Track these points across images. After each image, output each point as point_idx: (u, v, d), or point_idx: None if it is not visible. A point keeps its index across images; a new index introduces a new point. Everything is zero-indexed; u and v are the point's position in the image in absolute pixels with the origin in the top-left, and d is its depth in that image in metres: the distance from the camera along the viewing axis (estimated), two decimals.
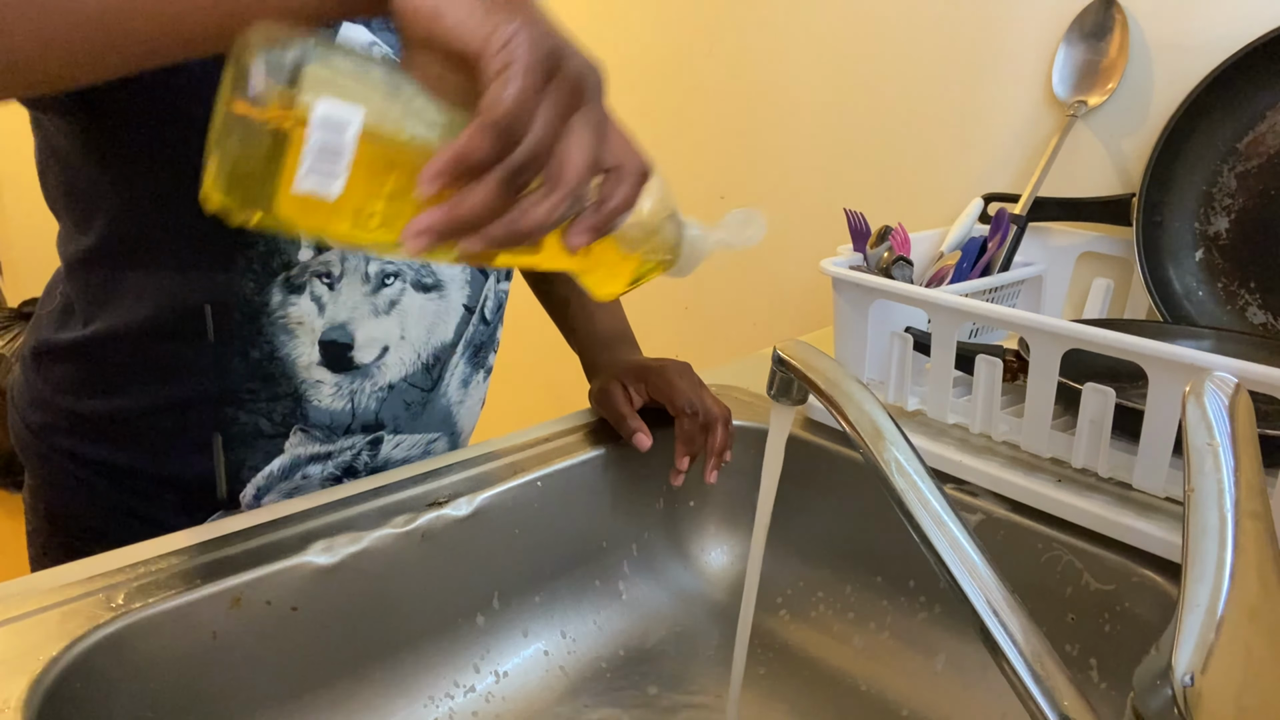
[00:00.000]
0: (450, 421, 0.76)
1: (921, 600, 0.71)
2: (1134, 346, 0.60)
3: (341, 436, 0.68)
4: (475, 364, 0.75)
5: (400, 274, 0.65)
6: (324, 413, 0.66)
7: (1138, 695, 0.32)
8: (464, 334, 0.72)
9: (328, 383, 0.65)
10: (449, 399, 0.74)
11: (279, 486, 0.68)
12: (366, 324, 0.65)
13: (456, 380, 0.74)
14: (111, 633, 0.52)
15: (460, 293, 0.70)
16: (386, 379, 0.67)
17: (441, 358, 0.71)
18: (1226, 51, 0.81)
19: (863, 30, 1.15)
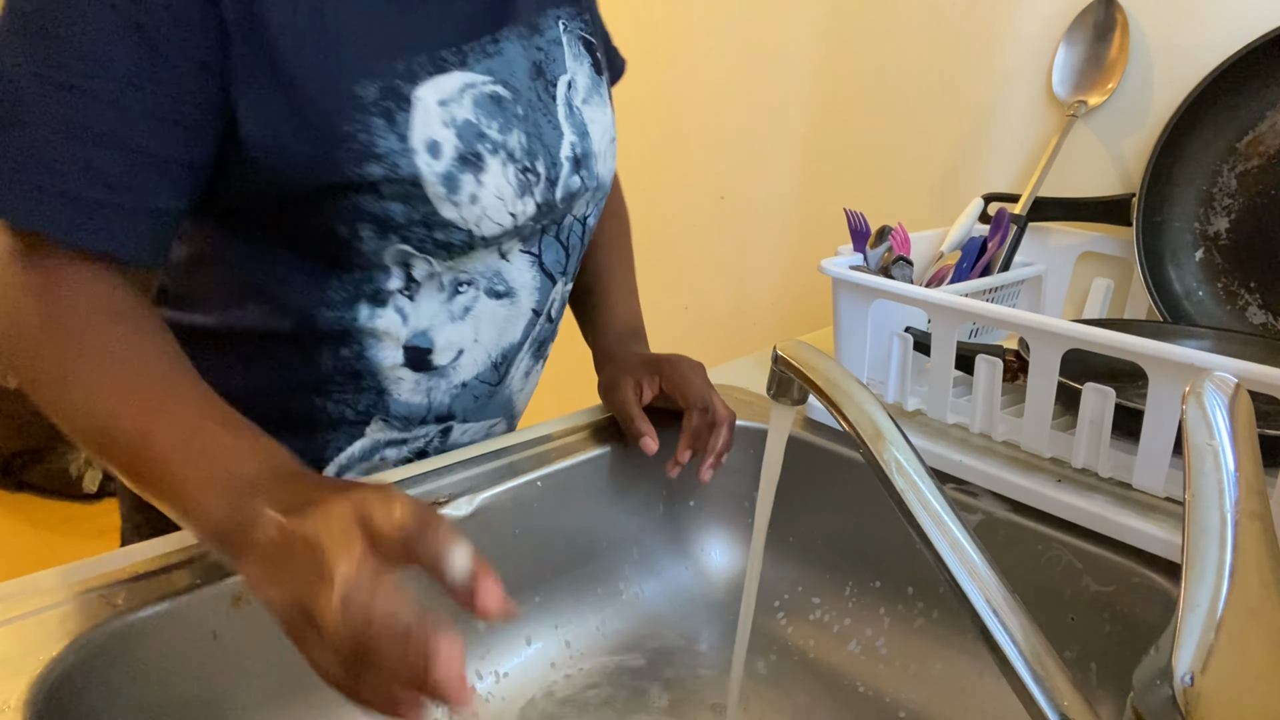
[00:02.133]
0: (509, 407, 0.78)
1: (921, 601, 0.71)
2: (1134, 346, 0.60)
3: (417, 426, 0.71)
4: (536, 355, 0.77)
5: (474, 282, 0.66)
6: (403, 405, 0.69)
7: (1138, 695, 0.32)
8: (530, 334, 0.74)
9: (408, 380, 0.68)
10: (511, 389, 0.76)
11: (358, 466, 0.71)
12: (445, 330, 0.66)
13: (520, 373, 0.76)
14: (111, 633, 0.52)
15: (530, 299, 0.71)
16: (460, 378, 0.70)
17: (509, 356, 0.73)
18: (1226, 51, 0.81)
19: (862, 30, 1.15)
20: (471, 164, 0.59)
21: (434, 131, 0.57)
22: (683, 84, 1.41)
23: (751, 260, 1.39)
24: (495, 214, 0.61)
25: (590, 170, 0.69)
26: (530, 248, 0.68)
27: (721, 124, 1.37)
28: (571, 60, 0.68)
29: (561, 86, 0.66)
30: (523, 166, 0.62)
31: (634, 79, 1.11)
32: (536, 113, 0.64)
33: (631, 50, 1.49)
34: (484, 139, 0.60)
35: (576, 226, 0.72)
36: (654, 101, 1.45)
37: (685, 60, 1.39)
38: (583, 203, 0.71)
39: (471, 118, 0.59)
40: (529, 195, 0.63)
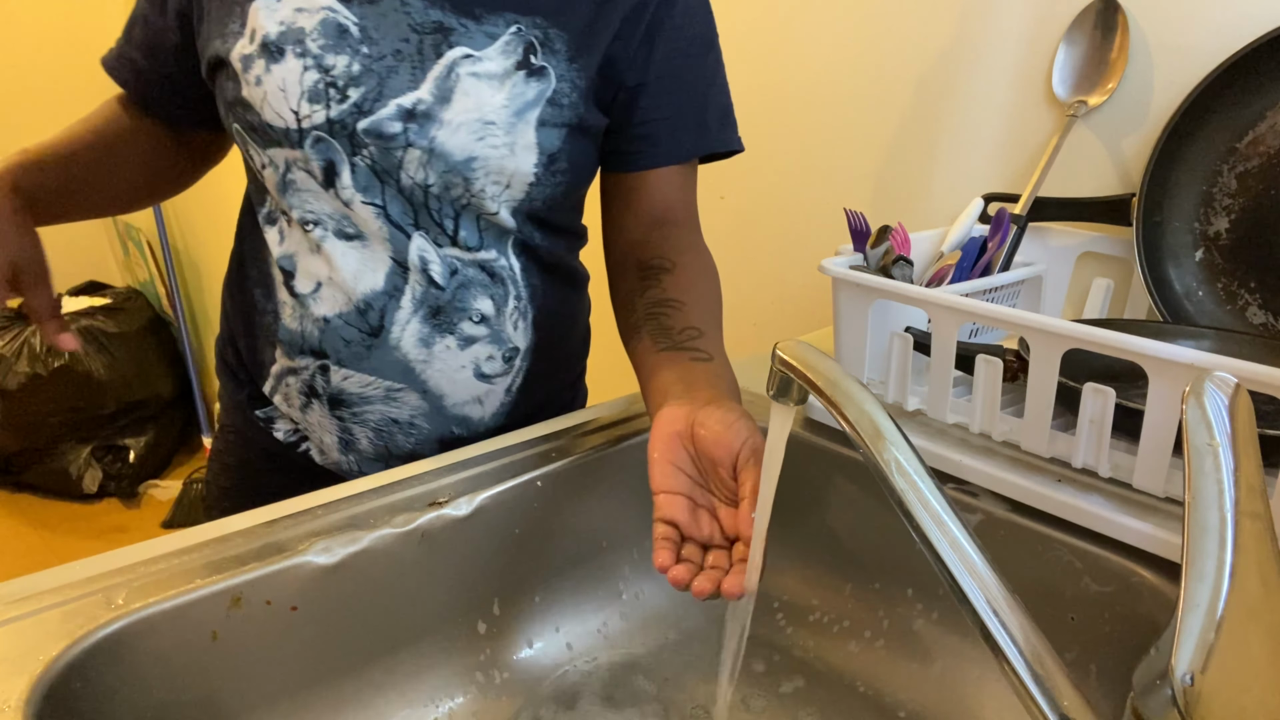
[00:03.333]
0: (413, 376, 0.78)
1: (920, 602, 0.71)
2: (1134, 346, 0.60)
3: (299, 355, 0.79)
4: (438, 326, 0.77)
5: (320, 222, 0.75)
6: (286, 330, 0.79)
7: (1138, 695, 0.32)
8: (402, 288, 0.75)
9: (288, 304, 0.78)
10: (405, 353, 0.77)
11: (278, 388, 0.82)
12: (304, 259, 0.76)
13: (411, 337, 0.77)
14: (111, 633, 0.52)
15: (384, 246, 0.74)
16: (322, 311, 0.76)
17: (375, 305, 0.75)
18: (1226, 51, 0.81)
19: (862, 30, 1.15)
20: (270, 53, 0.70)
21: (265, 24, 0.70)
22: None
23: (751, 260, 1.39)
24: (276, 102, 0.70)
25: (423, 130, 0.70)
26: (372, 198, 0.73)
27: None
28: (495, 50, 0.71)
29: (456, 53, 0.70)
30: (328, 81, 0.69)
31: None
32: (399, 58, 0.70)
33: None
34: (299, 44, 0.69)
35: (418, 190, 0.72)
36: None
37: None
38: (415, 163, 0.71)
39: (306, 28, 0.70)
40: (322, 105, 0.70)
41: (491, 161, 0.72)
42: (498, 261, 0.78)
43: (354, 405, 0.79)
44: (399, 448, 0.82)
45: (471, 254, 0.76)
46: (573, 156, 0.76)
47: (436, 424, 0.81)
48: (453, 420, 0.81)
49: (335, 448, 0.83)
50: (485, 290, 0.78)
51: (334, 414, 0.80)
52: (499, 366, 0.80)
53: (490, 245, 0.77)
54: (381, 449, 0.82)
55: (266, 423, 0.85)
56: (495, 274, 0.78)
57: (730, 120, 0.85)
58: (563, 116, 0.74)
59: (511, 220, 0.76)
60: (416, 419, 0.80)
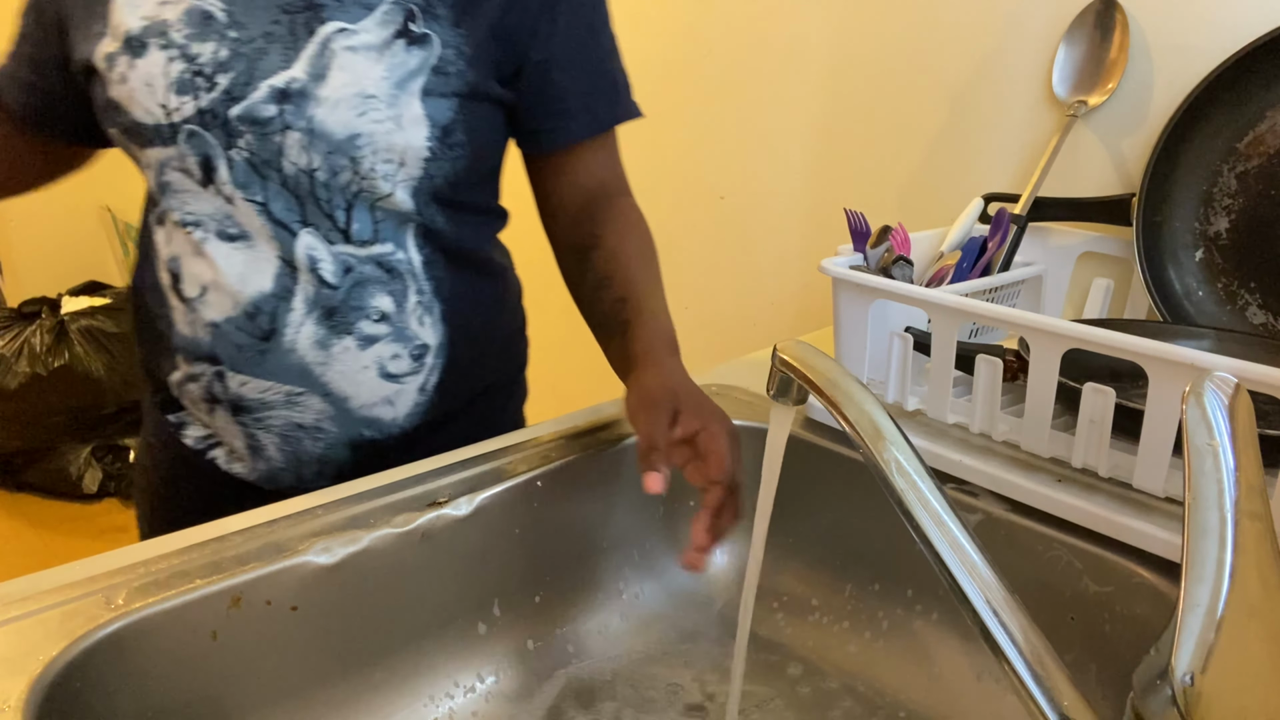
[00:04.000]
0: (313, 379, 0.74)
1: (920, 603, 0.71)
2: (1134, 346, 0.60)
3: (194, 362, 0.75)
4: (334, 328, 0.73)
5: (201, 223, 0.72)
6: (180, 336, 0.75)
7: (1138, 695, 0.32)
8: (292, 289, 0.72)
9: (178, 309, 0.75)
10: (301, 356, 0.73)
11: (182, 394, 0.79)
12: (188, 261, 0.73)
13: (307, 339, 0.73)
14: (111, 633, 0.52)
15: (269, 245, 0.71)
16: (210, 316, 0.73)
17: (264, 308, 0.72)
18: (1226, 51, 0.81)
19: (862, 30, 1.15)
20: (132, 49, 0.68)
21: (127, 20, 0.68)
22: (683, 84, 1.41)
23: (751, 260, 1.39)
24: (143, 98, 0.68)
25: (299, 109, 0.67)
26: (252, 195, 0.70)
27: (722, 124, 1.37)
28: (372, 21, 0.69)
29: (329, 28, 0.68)
30: (195, 70, 0.67)
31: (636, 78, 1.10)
32: (269, 40, 0.68)
33: (633, 50, 1.49)
34: (163, 36, 0.68)
35: (303, 177, 0.69)
36: (654, 101, 1.45)
37: (686, 60, 1.39)
38: (296, 147, 0.68)
39: (170, 19, 0.68)
40: (190, 96, 0.68)
41: (378, 138, 0.69)
42: (395, 255, 0.74)
43: (255, 411, 0.76)
44: (308, 453, 0.78)
45: (366, 249, 0.73)
46: (470, 128, 0.73)
47: (344, 427, 0.77)
48: (361, 423, 0.77)
49: (245, 454, 0.79)
50: (383, 287, 0.74)
51: (237, 420, 0.77)
52: (407, 365, 0.76)
53: (387, 238, 0.73)
54: (290, 454, 0.78)
55: (177, 428, 0.82)
56: (393, 269, 0.74)
57: (630, 87, 0.85)
58: (450, 85, 0.71)
59: (411, 202, 0.73)
60: (322, 423, 0.76)
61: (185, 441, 0.81)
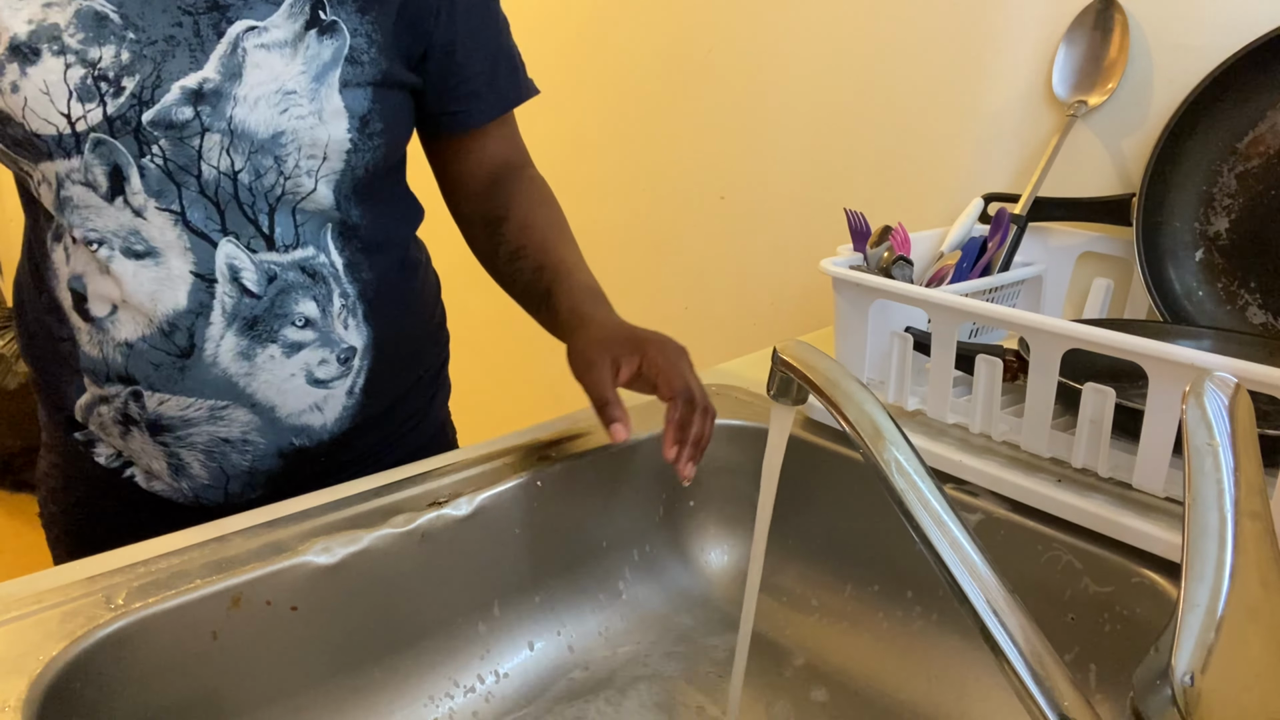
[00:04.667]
0: (237, 391, 0.72)
1: (920, 603, 0.71)
2: (1134, 346, 0.60)
3: (105, 383, 0.72)
4: (256, 337, 0.71)
5: (105, 241, 0.68)
6: (88, 358, 0.72)
7: (1138, 695, 0.32)
8: (209, 303, 0.69)
9: (83, 330, 0.72)
10: (224, 369, 0.71)
11: (93, 419, 0.75)
12: (94, 280, 0.70)
13: (228, 352, 0.71)
14: (111, 633, 0.52)
15: (182, 259, 0.68)
16: (123, 335, 0.70)
17: (180, 324, 0.69)
18: (1226, 51, 0.81)
19: (863, 30, 1.15)
20: (22, 55, 0.63)
21: (9, 24, 0.64)
22: (684, 83, 1.41)
23: (751, 260, 1.39)
24: (40, 107, 0.64)
25: (217, 110, 0.65)
26: (168, 204, 0.67)
27: (722, 124, 1.37)
28: (280, 15, 0.67)
29: (238, 28, 0.66)
30: (99, 74, 0.64)
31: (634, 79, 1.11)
32: (173, 43, 0.65)
33: (632, 50, 1.49)
34: (55, 41, 0.64)
35: (225, 181, 0.67)
36: (655, 101, 1.46)
37: (686, 60, 1.39)
38: (216, 150, 0.67)
39: (61, 23, 0.64)
40: (96, 102, 0.64)
41: (301, 133, 0.68)
42: (317, 259, 0.73)
43: (177, 429, 0.73)
44: (235, 467, 0.76)
45: (289, 254, 0.71)
46: (385, 116, 0.72)
47: (272, 437, 0.75)
48: (290, 431, 0.75)
49: (166, 474, 0.76)
50: (307, 292, 0.72)
51: (157, 440, 0.74)
52: (335, 369, 0.75)
53: (308, 241, 0.72)
54: (215, 470, 0.76)
55: (86, 446, 0.78)
56: (316, 273, 0.73)
57: (524, 65, 0.85)
58: (365, 74, 0.70)
59: (331, 197, 0.71)
60: (250, 435, 0.74)
61: (97, 460, 0.78)
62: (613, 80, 1.49)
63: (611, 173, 1.54)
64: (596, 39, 1.50)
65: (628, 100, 1.48)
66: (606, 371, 0.67)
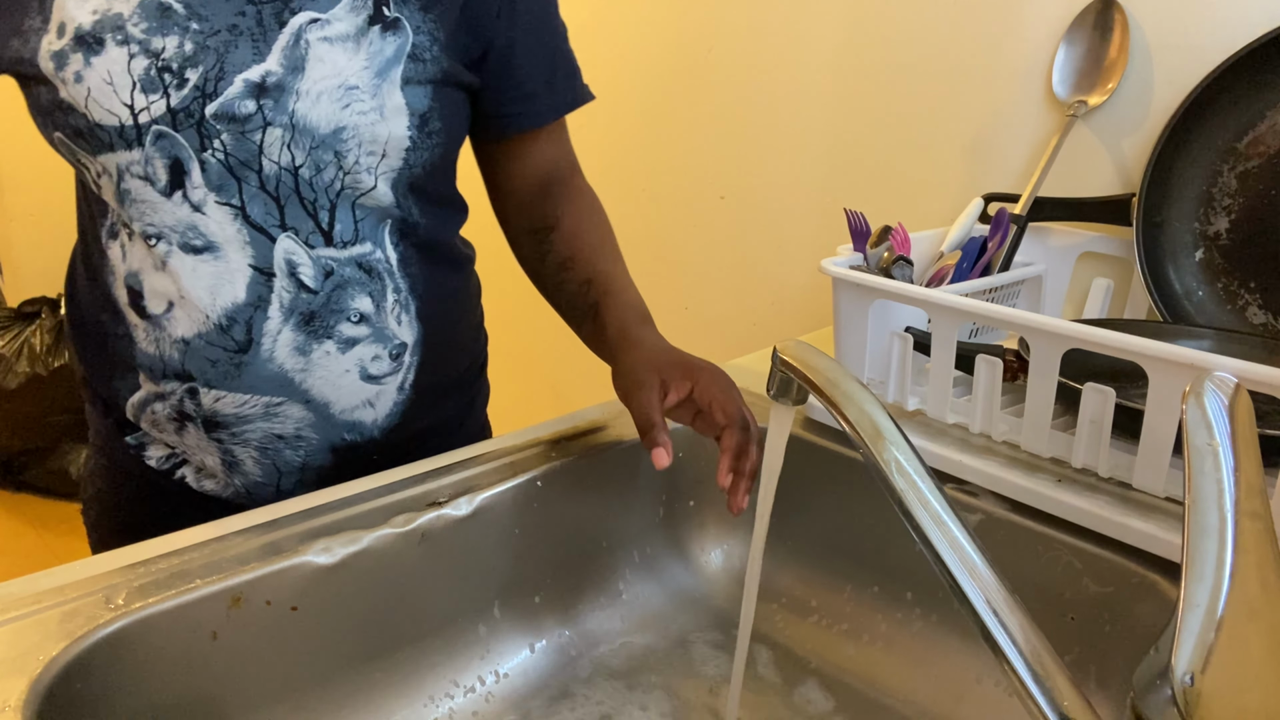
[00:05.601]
0: (293, 388, 0.73)
1: (920, 604, 0.71)
2: (1134, 346, 0.60)
3: (162, 380, 0.72)
4: (313, 333, 0.71)
5: (164, 236, 0.68)
6: (144, 355, 0.72)
7: (1138, 695, 0.32)
8: (268, 297, 0.70)
9: (140, 326, 0.71)
10: (280, 365, 0.71)
11: (143, 416, 0.75)
12: (150, 277, 0.70)
13: (285, 347, 0.71)
14: (111, 633, 0.52)
15: (241, 254, 0.68)
16: (179, 332, 0.70)
17: (239, 319, 0.70)
18: (1226, 51, 0.81)
19: (863, 30, 1.15)
20: (86, 45, 0.63)
21: (74, 14, 0.63)
22: (684, 84, 1.41)
23: (751, 260, 1.39)
24: (103, 98, 0.63)
25: (280, 104, 0.65)
26: (228, 198, 0.67)
27: (722, 124, 1.37)
28: (342, 9, 0.67)
29: (300, 19, 0.66)
30: (162, 65, 0.64)
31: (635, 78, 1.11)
32: (236, 32, 0.65)
33: (632, 50, 1.49)
34: (119, 30, 0.63)
35: (286, 176, 0.68)
36: (655, 101, 1.46)
37: (687, 60, 1.39)
38: (277, 145, 0.67)
39: (124, 12, 0.64)
40: (160, 94, 0.64)
41: (362, 129, 0.68)
42: (373, 255, 0.73)
43: (232, 426, 0.73)
44: (287, 463, 0.76)
45: (346, 250, 0.71)
46: (444, 115, 0.72)
47: (325, 433, 0.75)
48: (343, 427, 0.76)
49: (219, 470, 0.76)
50: (363, 288, 0.73)
51: (211, 437, 0.74)
52: (387, 365, 0.75)
53: (365, 237, 0.72)
54: (268, 466, 0.76)
55: (137, 449, 0.78)
56: (372, 269, 0.73)
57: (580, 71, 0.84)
58: (426, 72, 0.70)
59: (390, 195, 0.72)
60: (303, 431, 0.74)
61: (148, 463, 0.78)
62: (612, 80, 1.48)
63: (611, 173, 1.54)
64: (596, 39, 1.50)
65: (627, 100, 1.48)
66: (655, 394, 0.66)
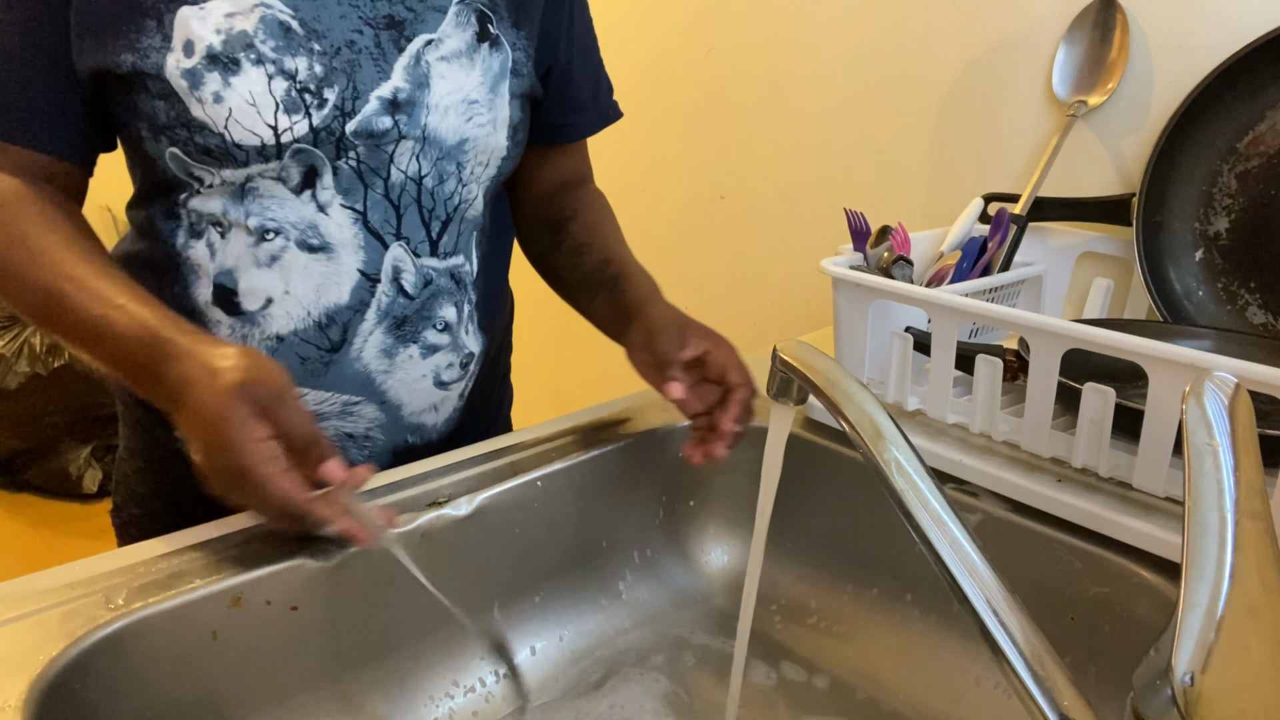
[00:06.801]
0: (373, 388, 0.74)
1: (920, 605, 0.71)
2: (1134, 346, 0.60)
3: None
4: (401, 337, 0.73)
5: (283, 231, 0.68)
6: None
7: (1138, 695, 0.32)
8: (369, 300, 0.71)
9: (224, 324, 0.71)
10: (365, 365, 0.73)
11: None
12: (250, 273, 0.69)
13: (373, 348, 0.73)
14: (111, 633, 0.52)
15: (353, 258, 0.70)
16: (274, 329, 0.70)
17: (338, 319, 0.71)
18: (1226, 51, 0.81)
19: (863, 30, 1.15)
20: (222, 64, 0.63)
21: (198, 33, 0.62)
22: (684, 84, 1.41)
23: (751, 260, 1.39)
24: (246, 119, 0.63)
25: (413, 119, 0.68)
26: (353, 202, 0.69)
27: (722, 124, 1.37)
28: (449, 25, 0.70)
29: (417, 42, 0.68)
30: (300, 86, 0.64)
31: (635, 78, 1.11)
32: (356, 50, 0.66)
33: (632, 50, 1.49)
34: (250, 49, 0.63)
35: (410, 185, 0.70)
36: (655, 101, 1.46)
37: (687, 60, 1.39)
38: (407, 155, 0.69)
39: (249, 30, 0.63)
40: (302, 114, 0.65)
41: (480, 140, 0.71)
42: (464, 267, 0.76)
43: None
44: (352, 462, 0.75)
45: (446, 261, 0.74)
46: (526, 126, 0.77)
47: (392, 434, 0.77)
48: (408, 429, 0.78)
49: None
50: (450, 298, 0.75)
51: None
52: (456, 373, 0.78)
53: (461, 249, 0.75)
54: None
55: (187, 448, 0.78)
56: (460, 280, 0.76)
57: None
58: (522, 86, 0.74)
59: (483, 203, 0.76)
60: (373, 431, 0.76)
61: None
62: (613, 80, 1.48)
63: (611, 173, 1.54)
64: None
65: (628, 100, 1.48)
66: (675, 342, 0.69)
